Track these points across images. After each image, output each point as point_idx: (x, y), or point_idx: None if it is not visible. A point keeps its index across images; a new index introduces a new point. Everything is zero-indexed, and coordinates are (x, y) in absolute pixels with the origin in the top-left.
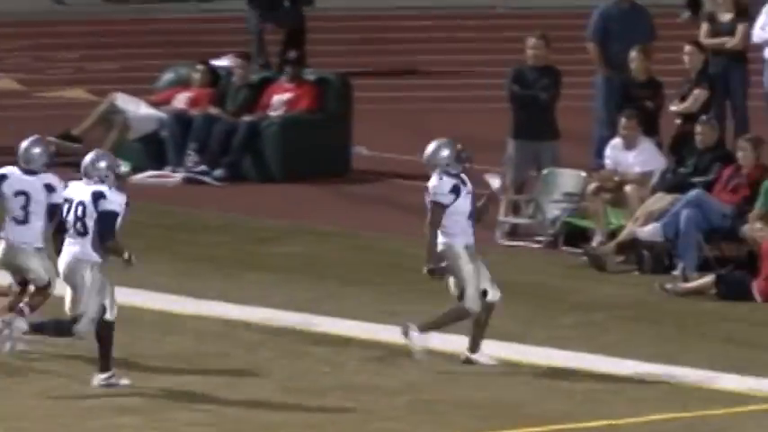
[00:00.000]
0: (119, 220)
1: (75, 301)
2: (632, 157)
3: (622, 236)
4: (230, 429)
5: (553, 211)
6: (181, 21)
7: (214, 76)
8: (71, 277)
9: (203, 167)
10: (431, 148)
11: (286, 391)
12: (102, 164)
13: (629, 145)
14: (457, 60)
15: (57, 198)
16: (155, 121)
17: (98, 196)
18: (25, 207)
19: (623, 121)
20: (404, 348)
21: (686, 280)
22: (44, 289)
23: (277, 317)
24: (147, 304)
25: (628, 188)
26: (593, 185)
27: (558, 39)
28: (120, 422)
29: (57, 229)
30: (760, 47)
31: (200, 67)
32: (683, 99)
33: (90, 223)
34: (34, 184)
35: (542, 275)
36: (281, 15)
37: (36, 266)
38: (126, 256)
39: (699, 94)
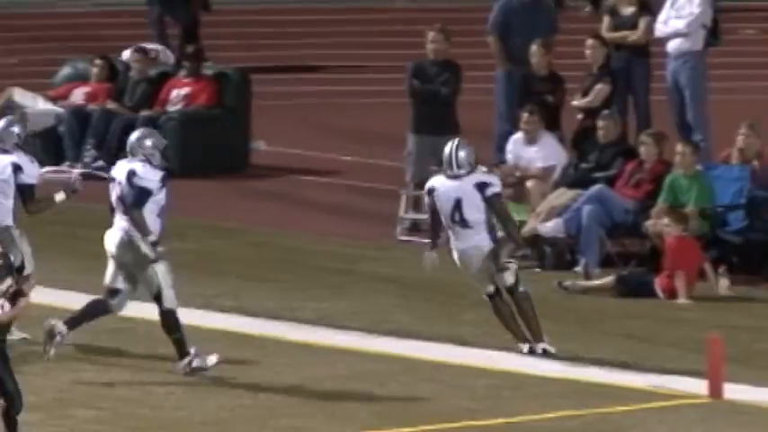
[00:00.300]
0: (152, 196)
1: (116, 275)
2: (533, 152)
3: (524, 231)
4: (130, 426)
5: None
6: (79, 15)
7: (112, 71)
8: (121, 253)
9: (101, 163)
10: (448, 149)
11: (185, 387)
12: (148, 142)
13: (531, 140)
14: (357, 55)
15: (25, 178)
16: (52, 116)
17: (131, 174)
18: None
19: (524, 115)
20: (303, 344)
21: (588, 276)
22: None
23: None
24: (44, 301)
25: (529, 183)
26: None
27: (459, 33)
28: (20, 419)
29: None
30: (662, 41)
31: (98, 61)
32: (584, 94)
33: (129, 201)
34: (2, 161)
35: (443, 271)
36: (179, 11)
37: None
38: (152, 238)
39: (601, 88)
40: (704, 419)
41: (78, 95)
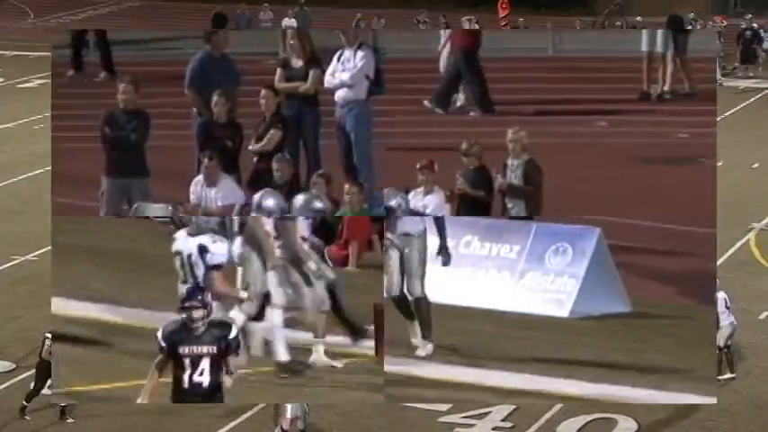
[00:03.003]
0: None
1: None
2: (213, 193)
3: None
4: None
5: None
6: None
7: None
8: None
9: None
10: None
11: None
12: None
13: (211, 182)
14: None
15: None
16: None
17: None
18: None
19: (205, 160)
20: None
21: None
22: None
23: None
24: None
25: None
26: None
27: (154, 84)
28: None
29: None
30: (331, 91)
31: None
32: (259, 139)
33: None
34: None
35: (134, 242)
36: None
37: None
38: None
39: (273, 133)
40: None
41: None
